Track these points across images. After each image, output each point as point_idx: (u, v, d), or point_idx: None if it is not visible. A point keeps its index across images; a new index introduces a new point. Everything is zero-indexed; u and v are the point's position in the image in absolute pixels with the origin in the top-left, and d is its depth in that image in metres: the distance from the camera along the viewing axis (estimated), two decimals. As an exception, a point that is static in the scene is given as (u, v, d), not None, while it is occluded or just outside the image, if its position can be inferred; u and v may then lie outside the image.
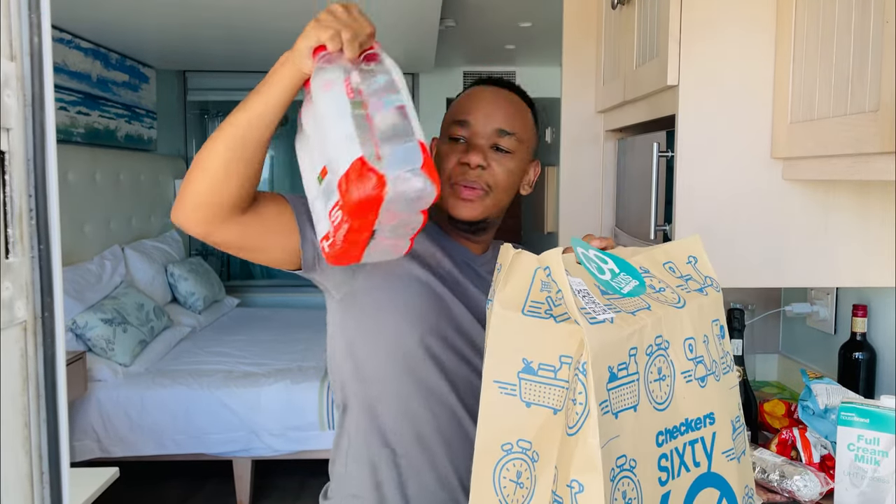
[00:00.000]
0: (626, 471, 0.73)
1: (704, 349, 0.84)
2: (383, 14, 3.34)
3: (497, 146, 1.11)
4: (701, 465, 0.82)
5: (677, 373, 0.81)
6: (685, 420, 0.80)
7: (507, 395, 0.75)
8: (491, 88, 1.16)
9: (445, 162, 1.12)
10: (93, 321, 3.26)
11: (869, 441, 1.16)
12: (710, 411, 0.83)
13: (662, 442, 0.78)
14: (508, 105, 1.14)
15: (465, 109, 1.13)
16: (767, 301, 2.01)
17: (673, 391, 0.80)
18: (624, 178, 1.74)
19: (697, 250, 0.92)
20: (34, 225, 0.45)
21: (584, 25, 1.94)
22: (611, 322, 0.74)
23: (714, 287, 0.90)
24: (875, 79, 0.98)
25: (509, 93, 1.17)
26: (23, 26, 0.44)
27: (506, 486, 0.75)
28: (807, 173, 1.22)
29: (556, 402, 0.74)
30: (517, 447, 0.75)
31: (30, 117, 0.45)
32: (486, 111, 1.12)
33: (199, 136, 5.46)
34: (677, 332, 0.81)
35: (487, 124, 1.11)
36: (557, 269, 0.76)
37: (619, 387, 0.74)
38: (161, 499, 3.36)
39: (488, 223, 1.16)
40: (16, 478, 0.45)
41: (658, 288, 0.85)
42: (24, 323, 0.46)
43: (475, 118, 1.11)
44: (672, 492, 0.78)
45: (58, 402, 0.47)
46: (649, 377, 0.77)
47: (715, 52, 1.29)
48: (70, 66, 3.73)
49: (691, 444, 0.81)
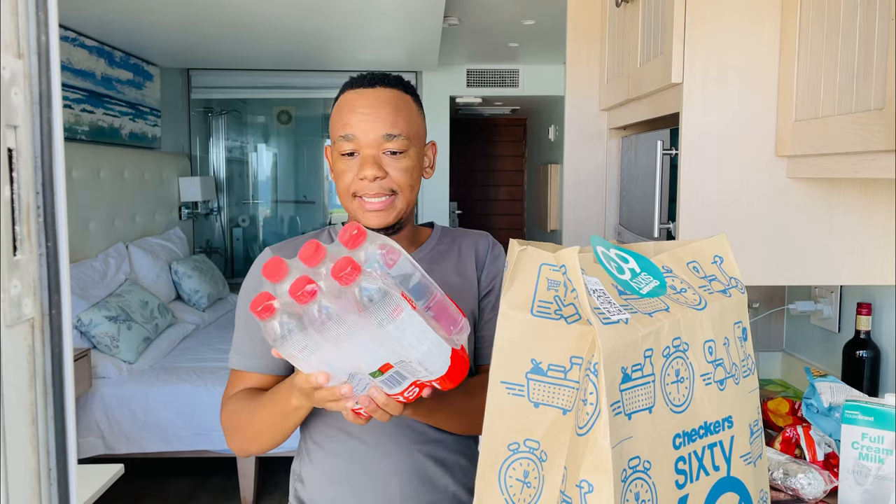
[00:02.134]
0: (639, 472, 0.72)
1: (725, 352, 0.83)
2: (387, 11, 3.34)
3: (388, 150, 1.11)
4: (720, 470, 0.81)
5: (696, 375, 0.80)
6: (704, 423, 0.80)
7: (515, 396, 0.75)
8: (364, 92, 1.13)
9: (343, 177, 1.12)
10: (97, 318, 3.27)
11: (873, 439, 1.15)
12: (729, 415, 0.82)
13: (680, 444, 0.77)
14: (386, 106, 1.11)
15: (346, 122, 1.11)
16: (771, 299, 2.01)
17: (692, 394, 0.79)
18: (628, 175, 1.74)
19: (724, 250, 0.91)
20: (42, 222, 0.46)
21: (588, 23, 1.93)
22: (625, 323, 0.74)
23: (738, 288, 0.89)
24: (881, 76, 0.97)
25: (383, 90, 1.13)
26: (30, 24, 0.45)
27: (512, 486, 0.75)
28: (811, 171, 1.22)
29: (565, 402, 0.73)
30: (524, 447, 0.75)
31: (37, 115, 0.45)
32: (366, 121, 1.10)
33: (203, 133, 5.47)
34: (697, 334, 0.81)
35: (371, 133, 1.10)
36: (573, 267, 0.75)
37: (633, 388, 0.73)
38: (165, 495, 3.37)
39: (402, 221, 1.16)
40: (23, 473, 0.46)
41: (679, 289, 0.84)
42: (32, 320, 0.46)
43: (358, 131, 1.10)
44: (690, 495, 0.77)
45: (65, 398, 0.47)
46: (666, 379, 0.77)
47: (719, 50, 1.29)
48: (75, 64, 3.74)
49: (710, 448, 0.80)
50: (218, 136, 5.57)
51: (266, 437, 1.11)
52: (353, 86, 1.15)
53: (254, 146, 5.87)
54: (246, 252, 5.70)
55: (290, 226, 5.92)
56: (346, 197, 1.14)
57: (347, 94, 1.14)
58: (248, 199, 5.79)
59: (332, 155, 1.15)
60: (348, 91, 1.15)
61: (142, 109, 4.55)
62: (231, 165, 5.69)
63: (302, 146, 5.97)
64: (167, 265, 4.23)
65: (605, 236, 1.93)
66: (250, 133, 5.85)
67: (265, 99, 5.67)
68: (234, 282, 5.29)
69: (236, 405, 1.14)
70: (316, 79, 5.28)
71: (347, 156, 1.11)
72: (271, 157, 5.99)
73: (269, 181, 5.95)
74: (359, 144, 1.10)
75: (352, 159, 1.11)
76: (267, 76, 5.24)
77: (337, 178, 1.14)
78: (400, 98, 1.14)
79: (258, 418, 1.09)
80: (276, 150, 5.97)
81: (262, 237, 5.80)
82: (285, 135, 5.94)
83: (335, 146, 1.13)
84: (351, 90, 1.14)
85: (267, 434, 1.10)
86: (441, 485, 1.18)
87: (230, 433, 1.15)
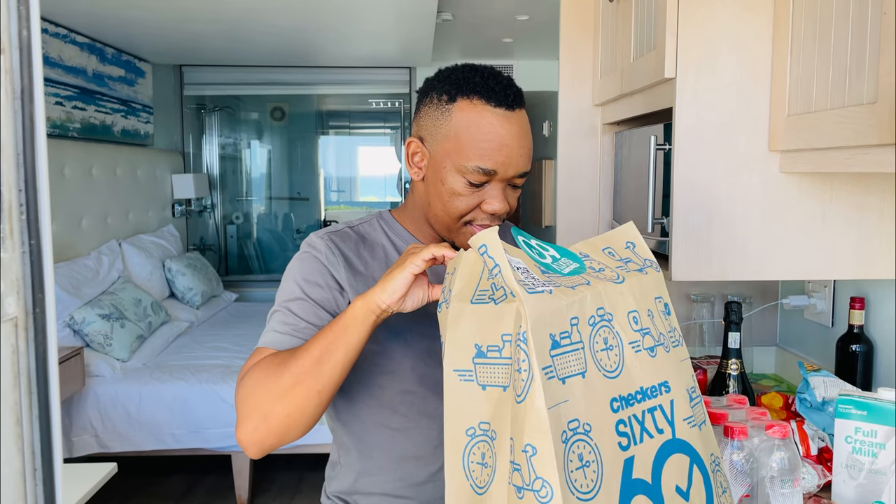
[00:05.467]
0: (580, 434, 0.76)
1: (650, 322, 0.89)
2: (380, 6, 3.33)
3: (513, 184, 1.08)
4: (665, 433, 0.85)
5: (625, 343, 0.85)
6: (641, 388, 0.84)
7: (465, 381, 0.79)
8: (507, 117, 1.03)
9: (458, 202, 1.05)
10: (90, 316, 3.25)
11: (866, 433, 1.16)
12: (664, 380, 0.87)
13: (618, 408, 0.81)
14: (526, 140, 1.06)
15: (488, 155, 1.02)
16: (765, 294, 2.01)
17: (622, 360, 0.84)
18: (621, 171, 1.74)
19: (634, 236, 0.97)
20: (24, 220, 0.45)
21: (581, 18, 1.93)
22: (549, 293, 0.78)
23: (654, 268, 0.95)
24: (873, 71, 0.97)
25: (521, 113, 1.06)
26: (11, 19, 0.44)
27: (474, 470, 0.79)
28: (804, 166, 1.22)
29: (503, 379, 0.78)
30: (479, 430, 0.79)
31: (19, 110, 0.45)
32: (511, 157, 1.03)
33: (196, 130, 5.45)
34: (619, 305, 0.86)
35: (511, 170, 1.04)
36: (494, 245, 0.79)
37: (563, 354, 0.77)
38: (160, 494, 3.36)
39: None
40: (8, 474, 0.45)
41: (598, 269, 0.90)
42: (16, 319, 0.45)
43: (500, 167, 1.03)
44: (637, 456, 0.81)
45: (50, 398, 0.47)
46: (595, 346, 0.81)
47: (712, 44, 1.29)
48: (66, 61, 3.72)
49: (650, 412, 0.84)
50: (211, 132, 5.55)
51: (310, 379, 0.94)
52: (489, 99, 1.03)
53: (247, 143, 5.85)
54: (240, 249, 5.69)
55: (284, 223, 5.90)
56: (450, 218, 1.07)
57: (486, 113, 1.03)
58: (241, 197, 5.78)
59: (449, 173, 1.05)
60: (486, 107, 1.03)
61: (134, 106, 4.53)
62: (224, 162, 5.67)
63: (296, 143, 5.96)
64: (160, 263, 4.22)
65: (598, 232, 1.94)
66: (244, 130, 5.83)
67: (258, 95, 5.66)
68: (228, 279, 5.28)
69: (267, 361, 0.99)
70: (309, 75, 5.27)
71: (473, 185, 1.04)
72: (265, 154, 5.97)
73: (262, 178, 5.94)
74: (494, 178, 1.04)
75: (478, 189, 1.04)
76: (260, 72, 5.22)
77: (448, 197, 1.05)
78: (528, 122, 1.08)
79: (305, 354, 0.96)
80: (269, 147, 5.96)
81: (256, 234, 5.78)
82: (279, 131, 5.92)
83: (462, 170, 1.03)
84: (488, 106, 1.03)
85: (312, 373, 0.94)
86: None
87: (251, 402, 0.96)
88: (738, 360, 1.54)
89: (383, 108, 5.75)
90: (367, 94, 5.59)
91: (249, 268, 5.71)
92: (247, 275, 5.61)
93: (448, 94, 1.05)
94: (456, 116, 1.04)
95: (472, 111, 1.03)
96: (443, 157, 1.05)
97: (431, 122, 1.07)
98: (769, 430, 1.12)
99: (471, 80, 1.05)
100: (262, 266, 5.74)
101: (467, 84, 1.04)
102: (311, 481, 3.49)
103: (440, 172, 1.05)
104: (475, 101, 1.03)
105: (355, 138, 6.28)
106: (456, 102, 1.04)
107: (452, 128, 1.04)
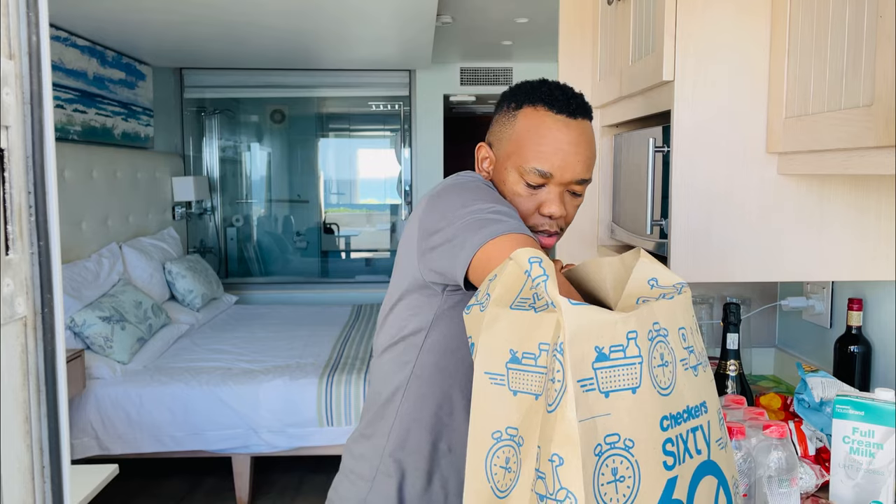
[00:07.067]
0: (619, 449, 0.75)
1: (694, 339, 0.88)
2: (380, 10, 3.34)
3: (573, 192, 1.11)
4: (702, 453, 0.84)
5: (677, 360, 0.83)
6: (687, 407, 0.83)
7: (497, 385, 0.79)
8: (567, 124, 1.09)
9: (519, 203, 1.10)
10: (91, 319, 3.26)
11: (864, 434, 1.16)
12: (704, 400, 0.86)
13: (668, 427, 0.80)
14: (587, 147, 1.10)
15: (544, 157, 1.08)
16: (763, 295, 2.02)
17: (675, 377, 0.82)
18: (620, 173, 1.75)
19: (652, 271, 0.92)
20: (33, 221, 0.46)
21: (580, 21, 1.94)
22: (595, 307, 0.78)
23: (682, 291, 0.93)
24: (869, 73, 0.98)
25: (584, 123, 1.11)
26: (21, 24, 0.45)
27: (496, 473, 0.79)
28: (802, 168, 1.23)
29: (537, 388, 0.77)
30: (506, 434, 0.78)
31: (28, 115, 0.45)
32: (568, 161, 1.08)
33: (196, 132, 5.46)
34: (671, 321, 0.84)
35: (569, 174, 1.09)
36: (546, 260, 0.81)
37: (612, 367, 0.76)
38: (160, 496, 3.36)
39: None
40: (17, 472, 0.46)
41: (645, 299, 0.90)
42: (25, 319, 0.46)
43: (556, 170, 1.08)
44: (679, 476, 0.80)
45: (58, 396, 0.47)
46: (653, 362, 0.80)
47: (710, 47, 1.30)
48: (66, 64, 3.72)
49: (693, 432, 0.83)
50: (211, 135, 5.56)
51: None
52: (551, 106, 1.10)
53: (247, 145, 5.86)
54: (240, 252, 5.69)
55: (283, 225, 5.91)
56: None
57: (547, 118, 1.09)
58: (241, 199, 5.78)
59: (511, 174, 1.11)
60: (547, 113, 1.09)
61: (134, 109, 4.54)
62: (224, 165, 5.67)
63: (295, 145, 5.96)
64: (161, 265, 4.22)
65: (598, 234, 1.94)
66: (243, 132, 5.84)
67: (258, 98, 5.66)
68: (228, 282, 5.28)
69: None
70: (309, 77, 5.28)
71: (531, 186, 1.10)
72: (265, 157, 5.98)
73: (262, 181, 5.95)
74: (552, 181, 1.09)
75: (536, 190, 1.10)
76: (260, 75, 5.23)
77: (510, 198, 1.11)
78: (592, 134, 1.12)
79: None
80: (269, 150, 5.96)
81: (255, 237, 5.79)
82: (279, 134, 5.93)
83: (521, 171, 1.09)
84: (550, 112, 1.09)
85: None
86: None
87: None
88: (736, 360, 1.55)
89: (383, 110, 5.76)
90: (367, 96, 5.60)
91: (249, 270, 5.71)
92: (247, 277, 5.61)
93: (516, 102, 1.13)
94: (520, 121, 1.11)
95: (534, 116, 1.10)
96: (505, 159, 1.12)
97: (499, 128, 1.15)
98: (767, 429, 1.13)
99: (539, 90, 1.12)
100: (261, 269, 5.75)
101: (535, 93, 1.11)
102: (311, 483, 3.49)
103: (503, 174, 1.12)
104: (539, 107, 1.10)
105: (355, 141, 6.29)
106: (522, 109, 1.12)
107: (516, 132, 1.11)
